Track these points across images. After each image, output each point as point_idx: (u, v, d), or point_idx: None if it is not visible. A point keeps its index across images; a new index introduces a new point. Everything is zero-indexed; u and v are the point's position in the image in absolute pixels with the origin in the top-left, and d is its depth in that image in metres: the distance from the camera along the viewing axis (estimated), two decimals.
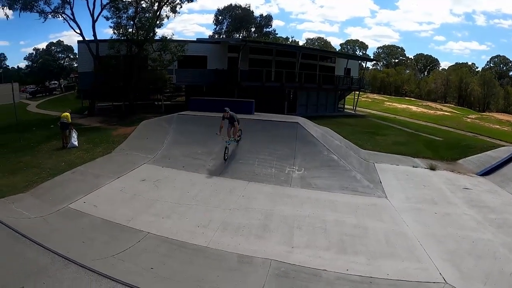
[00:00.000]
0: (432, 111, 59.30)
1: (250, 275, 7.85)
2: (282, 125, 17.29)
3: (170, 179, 13.90)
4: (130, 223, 10.08)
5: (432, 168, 16.77)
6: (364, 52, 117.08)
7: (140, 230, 9.70)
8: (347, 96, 48.43)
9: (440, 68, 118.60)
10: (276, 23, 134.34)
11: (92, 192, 12.23)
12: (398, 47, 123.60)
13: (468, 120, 51.89)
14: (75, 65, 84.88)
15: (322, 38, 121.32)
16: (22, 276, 5.49)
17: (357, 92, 47.41)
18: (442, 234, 10.10)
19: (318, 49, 74.13)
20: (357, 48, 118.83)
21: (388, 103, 66.53)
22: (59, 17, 34.25)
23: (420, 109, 60.17)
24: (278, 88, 37.90)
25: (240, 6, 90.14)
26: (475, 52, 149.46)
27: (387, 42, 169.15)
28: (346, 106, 48.32)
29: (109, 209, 10.98)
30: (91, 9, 33.84)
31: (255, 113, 19.91)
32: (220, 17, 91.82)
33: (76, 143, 18.81)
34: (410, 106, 63.08)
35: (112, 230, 9.72)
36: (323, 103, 42.58)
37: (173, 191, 12.70)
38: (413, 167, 17.00)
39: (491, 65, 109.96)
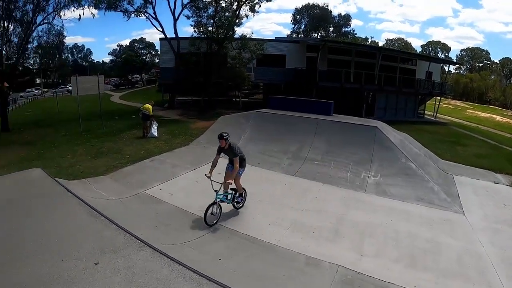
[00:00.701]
0: None
1: (316, 278, 7.56)
2: (360, 128, 16.60)
3: (245, 175, 13.73)
4: (203, 214, 9.99)
5: None
6: (446, 54, 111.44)
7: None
8: (428, 102, 46.21)
9: None
10: (354, 23, 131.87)
11: (168, 180, 12.43)
12: (483, 50, 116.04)
13: None
14: (157, 60, 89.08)
15: (402, 38, 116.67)
16: (98, 252, 5.58)
17: (438, 98, 45.12)
18: None
19: (399, 51, 71.63)
20: (438, 50, 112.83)
21: (471, 111, 63.43)
22: (141, 16, 36.21)
23: (505, 119, 56.78)
24: (356, 89, 36.96)
25: (318, 5, 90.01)
26: None
27: (470, 44, 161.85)
28: (426, 112, 46.08)
29: (184, 198, 11.09)
30: (172, 9, 35.37)
31: (333, 114, 19.42)
32: (298, 16, 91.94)
33: (156, 133, 19.38)
34: (494, 116, 59.70)
35: (185, 218, 9.81)
36: (402, 107, 40.90)
37: (247, 186, 12.42)
38: (494, 183, 15.54)
39: None
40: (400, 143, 16.21)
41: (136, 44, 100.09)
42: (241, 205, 10.88)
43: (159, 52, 51.52)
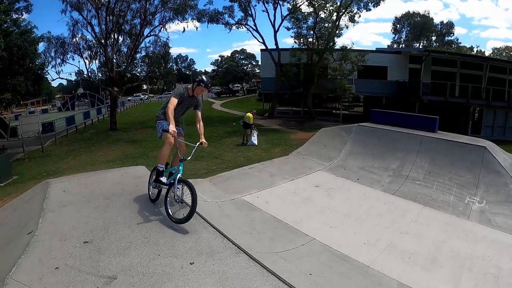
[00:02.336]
0: None
1: None
2: (466, 148, 15.23)
3: (343, 189, 13.41)
4: (297, 225, 9.94)
5: None
6: None
7: (306, 234, 9.51)
8: None
9: None
10: (457, 31, 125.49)
11: (265, 189, 12.39)
12: None
13: None
14: (257, 70, 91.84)
15: (510, 47, 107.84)
16: (194, 253, 5.71)
17: None
18: None
19: (509, 61, 66.15)
20: None
21: None
22: (242, 28, 38.15)
23: None
24: (462, 104, 34.88)
25: (418, 13, 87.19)
26: None
27: None
28: None
29: (280, 208, 10.97)
30: (272, 20, 36.66)
31: (438, 131, 18.50)
32: (398, 26, 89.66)
33: (256, 141, 19.82)
34: None
35: (279, 228, 9.68)
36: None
37: (344, 202, 12.17)
38: None
39: None
40: (510, 166, 14.90)
41: (237, 55, 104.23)
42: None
43: (259, 63, 52.79)
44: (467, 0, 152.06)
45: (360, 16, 35.49)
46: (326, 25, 34.43)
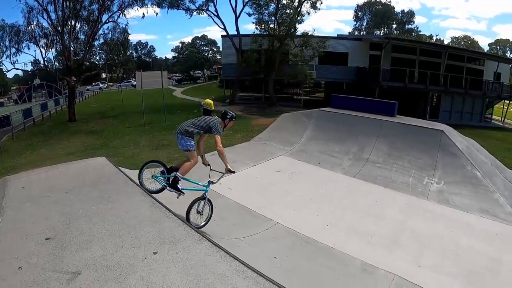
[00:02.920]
0: None
1: (370, 285, 7.38)
2: (425, 132, 15.86)
3: (305, 173, 13.66)
4: (260, 210, 10.17)
5: None
6: None
7: (269, 218, 9.75)
8: (496, 105, 43.80)
9: None
10: (418, 20, 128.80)
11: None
12: None
13: None
14: (218, 57, 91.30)
15: (468, 36, 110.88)
16: (158, 242, 5.63)
17: (507, 101, 42.30)
18: None
19: (466, 49, 67.85)
20: (507, 49, 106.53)
21: None
22: (203, 14, 37.50)
23: None
24: (421, 90, 35.91)
25: (380, 1, 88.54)
26: None
27: None
28: (493, 117, 43.74)
29: (243, 194, 11.15)
30: (234, 6, 36.07)
31: (396, 115, 18.88)
32: (359, 13, 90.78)
33: None
34: None
35: (243, 214, 9.92)
36: (468, 110, 39.07)
37: (306, 186, 12.45)
38: None
39: None
40: (466, 149, 15.37)
41: (198, 41, 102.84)
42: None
43: (221, 49, 52.46)
44: None
45: (322, 3, 35.64)
46: (288, 11, 34.44)
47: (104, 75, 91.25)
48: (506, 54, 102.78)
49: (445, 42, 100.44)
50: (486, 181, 13.19)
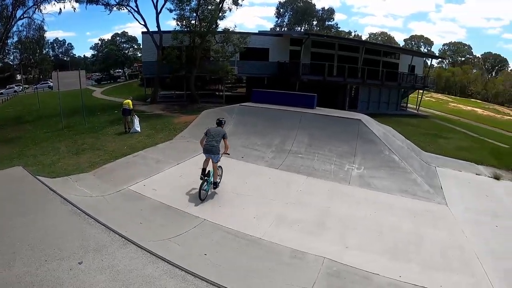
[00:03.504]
0: (499, 115, 56.92)
1: (301, 271, 7.67)
2: (344, 122, 16.69)
3: (229, 168, 13.71)
4: (187, 209, 10.16)
5: (497, 178, 15.49)
6: (429, 48, 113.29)
7: (196, 216, 9.76)
8: (411, 95, 46.79)
9: (509, 69, 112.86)
10: (338, 17, 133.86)
11: (152, 176, 12.37)
12: (465, 45, 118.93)
13: None
14: (139, 54, 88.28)
15: (385, 33, 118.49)
16: (82, 251, 5.55)
17: (421, 91, 45.81)
18: (502, 250, 9.30)
19: (382, 44, 72.26)
20: (421, 44, 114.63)
21: (453, 104, 64.34)
22: (123, 10, 35.52)
23: (486, 113, 57.84)
24: (339, 83, 37.29)
25: None
26: None
27: (452, 38, 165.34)
28: (409, 105, 46.82)
29: (168, 194, 11.07)
30: (155, 2, 34.76)
31: (316, 107, 19.50)
32: (281, 10, 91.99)
33: (138, 128, 19.27)
34: (475, 109, 60.75)
35: (169, 214, 9.84)
36: (385, 100, 41.37)
37: (231, 180, 12.53)
38: (476, 174, 15.83)
39: None
40: (383, 135, 16.36)
41: (118, 38, 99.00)
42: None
43: (141, 46, 51.25)
44: None
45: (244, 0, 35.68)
46: (210, 7, 34.14)
47: (19, 77, 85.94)
48: (420, 48, 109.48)
49: (363, 38, 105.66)
50: (403, 164, 14.30)
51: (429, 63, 54.56)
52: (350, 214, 10.63)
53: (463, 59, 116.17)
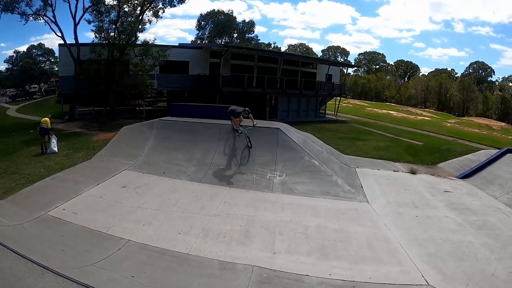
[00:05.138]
0: (412, 116, 60.43)
1: (232, 282, 7.83)
2: (263, 131, 17.09)
3: (151, 185, 13.75)
4: (110, 231, 9.97)
5: (413, 172, 16.94)
6: (345, 58, 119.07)
7: (120, 237, 9.59)
8: (329, 102, 49.01)
9: (420, 74, 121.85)
10: (258, 29, 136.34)
11: (71, 199, 12.02)
12: (379, 54, 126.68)
13: (448, 124, 53.15)
14: (56, 69, 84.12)
15: (304, 44, 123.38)
16: None
17: (338, 98, 48.16)
18: (424, 237, 10.24)
19: (300, 55, 74.72)
20: (338, 54, 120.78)
21: (369, 109, 67.28)
22: (40, 20, 33.95)
23: (400, 114, 61.09)
24: (259, 93, 38.26)
25: (223, 12, 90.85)
26: (453, 58, 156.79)
27: (368, 48, 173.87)
28: (327, 112, 48.71)
29: (89, 216, 10.81)
30: (73, 12, 33.70)
31: None
32: (202, 23, 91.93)
33: (55, 148, 18.60)
34: (390, 112, 63.96)
35: (92, 238, 9.58)
36: (304, 108, 43.04)
37: (154, 197, 12.55)
38: (394, 171, 17.17)
39: (470, 71, 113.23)
40: (303, 142, 17.07)
41: (34, 51, 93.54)
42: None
43: (58, 60, 49.26)
44: (269, 4, 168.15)
45: (164, 12, 35.49)
46: (130, 19, 33.58)
47: None
48: (337, 58, 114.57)
49: (283, 49, 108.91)
50: (324, 168, 15.17)
51: (345, 72, 56.93)
52: (275, 220, 11.03)
53: (377, 67, 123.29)
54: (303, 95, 42.10)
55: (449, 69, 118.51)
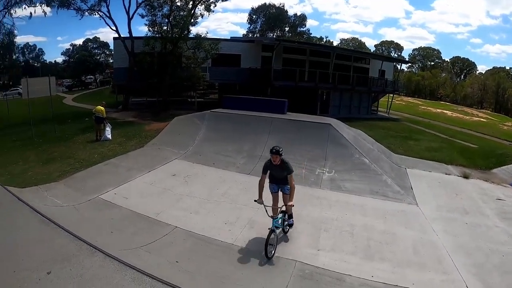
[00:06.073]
0: (467, 117, 58.16)
1: (274, 275, 7.72)
2: (314, 126, 16.96)
3: (200, 175, 13.82)
4: (158, 217, 10.09)
5: (466, 177, 16.06)
6: (399, 53, 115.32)
7: (168, 223, 9.70)
8: (381, 99, 47.88)
9: (477, 72, 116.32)
10: (310, 23, 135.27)
11: (123, 184, 12.31)
12: (434, 49, 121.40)
13: (505, 127, 50.72)
14: (111, 61, 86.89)
15: (356, 38, 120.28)
16: (50, 261, 5.53)
17: (391, 95, 46.91)
18: (471, 246, 9.65)
19: (353, 50, 73.46)
20: (391, 49, 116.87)
21: (423, 107, 65.47)
22: (95, 15, 35.24)
23: (455, 114, 59.07)
24: (311, 88, 37.74)
25: (274, 5, 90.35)
26: None
27: (422, 44, 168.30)
28: (379, 109, 47.71)
29: (139, 202, 11.01)
30: (127, 7, 34.64)
31: (287, 113, 19.73)
32: (254, 16, 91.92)
33: (109, 136, 19.16)
34: (445, 111, 61.89)
35: (141, 222, 9.74)
36: (356, 105, 42.17)
37: (202, 187, 12.60)
38: (446, 174, 16.36)
39: None
40: (354, 139, 16.70)
41: (89, 44, 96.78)
42: (289, 229, 9.79)
43: (113, 52, 50.58)
44: None
45: (216, 6, 35.65)
46: (182, 13, 33.99)
47: None
48: (391, 53, 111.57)
49: (335, 44, 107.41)
50: (373, 166, 14.67)
51: (399, 68, 55.55)
52: (322, 217, 10.79)
53: (432, 63, 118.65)
54: (355, 91, 41.19)
55: (507, 67, 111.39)
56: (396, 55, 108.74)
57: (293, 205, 8.98)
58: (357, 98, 42.24)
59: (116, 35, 35.43)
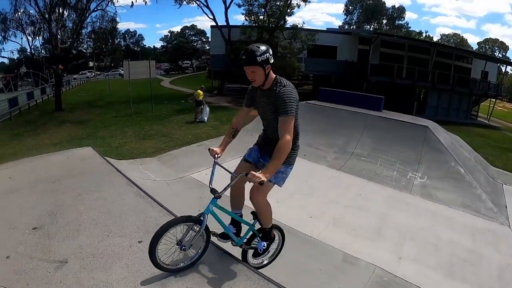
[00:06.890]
0: None
1: (352, 276, 7.45)
2: (410, 127, 16.02)
3: None
4: (245, 202, 10.05)
5: None
6: (503, 54, 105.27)
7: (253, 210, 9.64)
8: (482, 103, 44.40)
9: None
10: (408, 16, 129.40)
11: None
12: None
13: None
14: (207, 47, 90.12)
15: (458, 34, 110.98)
16: (143, 231, 5.66)
17: (493, 100, 43.35)
18: None
19: (454, 47, 68.99)
20: (496, 48, 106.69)
21: None
22: (193, 4, 36.70)
23: None
24: (408, 86, 36.20)
25: None
26: None
27: None
28: (479, 114, 44.45)
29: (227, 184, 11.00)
30: None
31: (383, 110, 19.03)
32: (350, 7, 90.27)
33: (206, 118, 19.86)
34: None
35: (227, 204, 9.76)
36: (455, 107, 39.67)
37: (291, 178, 12.37)
38: None
39: None
40: (451, 145, 15.61)
41: (187, 31, 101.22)
42: (264, 261, 5.82)
43: (210, 40, 52.02)
44: None
45: None
46: (278, 3, 34.30)
47: (91, 64, 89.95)
48: (495, 53, 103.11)
49: (435, 39, 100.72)
50: (469, 177, 13.36)
51: (503, 70, 51.71)
52: (408, 224, 10.17)
53: None
54: (455, 92, 38.62)
55: None
56: (500, 55, 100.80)
57: (264, 181, 3.88)
58: (457, 100, 39.71)
59: (213, 24, 36.65)
